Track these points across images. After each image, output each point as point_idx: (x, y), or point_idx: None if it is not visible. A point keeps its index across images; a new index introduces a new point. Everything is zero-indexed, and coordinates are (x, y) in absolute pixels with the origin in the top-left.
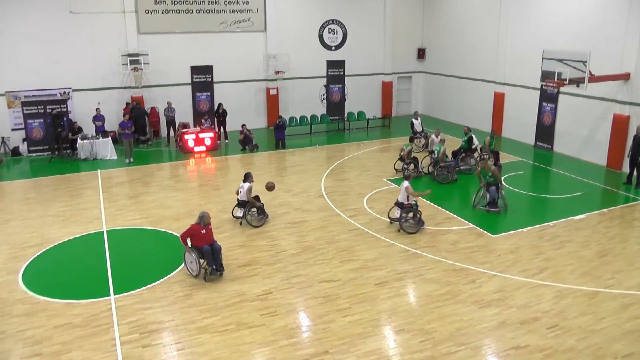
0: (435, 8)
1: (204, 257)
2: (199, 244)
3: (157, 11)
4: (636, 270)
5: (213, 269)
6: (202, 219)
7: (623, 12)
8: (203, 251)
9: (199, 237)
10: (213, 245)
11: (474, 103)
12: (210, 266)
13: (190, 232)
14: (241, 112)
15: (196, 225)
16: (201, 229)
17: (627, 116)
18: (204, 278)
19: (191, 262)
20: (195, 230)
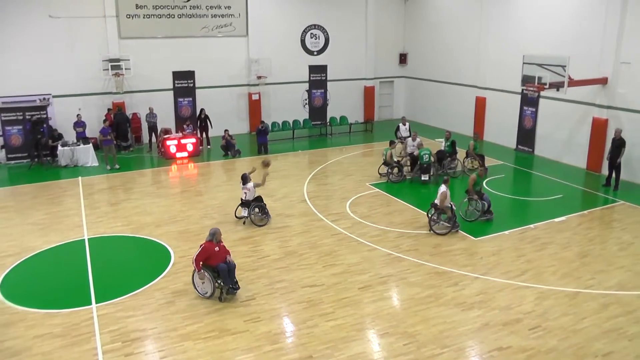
0: (416, 13)
1: (220, 276)
2: (213, 263)
3: (138, 16)
4: (615, 270)
5: (229, 287)
6: (214, 236)
7: (600, 19)
8: (219, 270)
9: (213, 256)
10: (228, 262)
11: (456, 107)
12: (227, 285)
13: (206, 253)
14: (223, 117)
15: (209, 244)
16: (214, 246)
17: (606, 119)
18: (219, 298)
19: (203, 283)
20: (210, 250)
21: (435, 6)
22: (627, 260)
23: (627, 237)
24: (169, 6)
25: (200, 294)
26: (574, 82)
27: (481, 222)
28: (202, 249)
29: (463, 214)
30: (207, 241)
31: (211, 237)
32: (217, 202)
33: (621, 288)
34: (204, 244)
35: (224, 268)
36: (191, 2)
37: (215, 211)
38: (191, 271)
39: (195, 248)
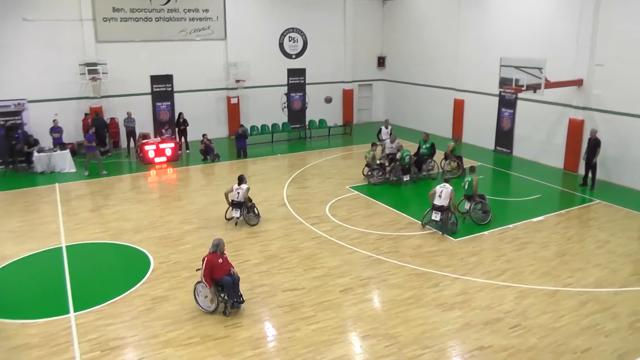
0: (394, 17)
1: (224, 290)
2: (217, 276)
3: (115, 19)
4: (593, 268)
5: (234, 301)
6: (218, 247)
7: (574, 22)
8: (223, 283)
9: (217, 268)
10: (233, 275)
11: (434, 110)
12: (232, 299)
13: (211, 267)
14: (202, 121)
15: (213, 256)
16: (218, 258)
17: (582, 120)
18: (223, 313)
19: (205, 297)
20: (214, 262)
21: (413, 10)
22: (603, 258)
23: (604, 235)
24: (147, 9)
25: (203, 309)
26: (550, 84)
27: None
28: (206, 262)
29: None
30: (211, 253)
31: (215, 249)
32: (197, 207)
33: (598, 285)
34: (208, 257)
35: (229, 281)
36: (169, 5)
37: (195, 216)
38: (173, 278)
39: (175, 254)
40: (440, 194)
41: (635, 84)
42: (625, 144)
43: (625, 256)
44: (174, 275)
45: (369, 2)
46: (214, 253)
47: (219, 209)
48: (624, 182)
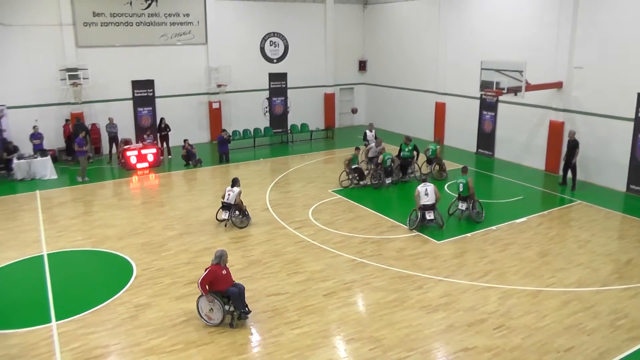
0: (375, 21)
1: (231, 301)
2: (222, 288)
3: (95, 24)
4: (575, 267)
5: (241, 312)
6: (222, 259)
7: (554, 26)
8: (230, 294)
9: (221, 280)
10: (238, 286)
11: (416, 113)
12: (239, 310)
13: (212, 276)
14: (184, 126)
15: (216, 267)
16: (222, 269)
17: (562, 122)
18: (230, 325)
19: (210, 310)
20: (217, 273)
21: (393, 14)
22: (585, 257)
23: (585, 235)
24: (127, 14)
25: (207, 322)
26: (531, 87)
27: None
28: (208, 272)
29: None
30: (214, 264)
31: (218, 260)
32: (179, 213)
33: (580, 285)
34: (211, 268)
35: (236, 292)
36: (149, 9)
37: (178, 222)
38: (155, 285)
39: (158, 260)
40: (426, 192)
41: (613, 86)
42: (604, 145)
43: (605, 255)
44: (156, 282)
45: (349, 7)
46: (218, 265)
47: (201, 215)
48: (604, 182)
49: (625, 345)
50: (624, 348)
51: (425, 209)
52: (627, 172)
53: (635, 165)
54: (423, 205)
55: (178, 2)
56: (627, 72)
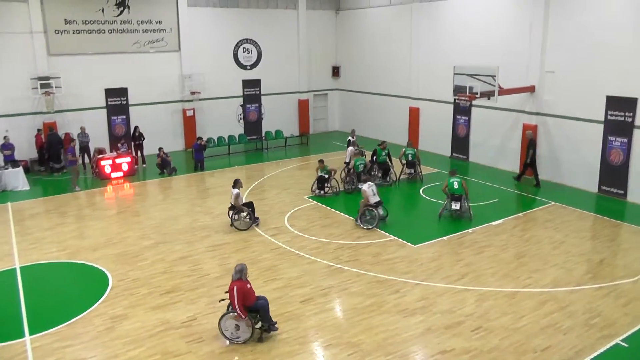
0: (348, 27)
1: (260, 315)
2: (251, 302)
3: (67, 31)
4: (550, 268)
5: (270, 325)
6: (243, 273)
7: (525, 31)
8: (259, 307)
9: (249, 295)
10: (263, 298)
11: (390, 118)
12: (267, 322)
13: (244, 294)
14: (158, 135)
15: (242, 283)
16: (246, 284)
17: (535, 125)
18: (258, 339)
19: (237, 328)
20: (245, 289)
21: (366, 19)
22: (560, 258)
23: (559, 236)
24: (100, 21)
25: (233, 340)
26: (503, 91)
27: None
28: (237, 290)
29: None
30: (237, 280)
31: (240, 275)
32: (155, 222)
33: (556, 285)
34: (237, 284)
35: (265, 304)
36: (122, 17)
37: (153, 231)
38: (132, 296)
39: (134, 270)
40: (374, 192)
41: (583, 90)
42: (577, 147)
43: (579, 255)
44: (132, 293)
45: (321, 13)
46: (240, 280)
47: (177, 223)
48: (576, 184)
49: (599, 344)
50: (597, 346)
51: (376, 206)
52: (598, 174)
53: (606, 166)
54: (375, 202)
55: (150, 9)
56: (596, 76)
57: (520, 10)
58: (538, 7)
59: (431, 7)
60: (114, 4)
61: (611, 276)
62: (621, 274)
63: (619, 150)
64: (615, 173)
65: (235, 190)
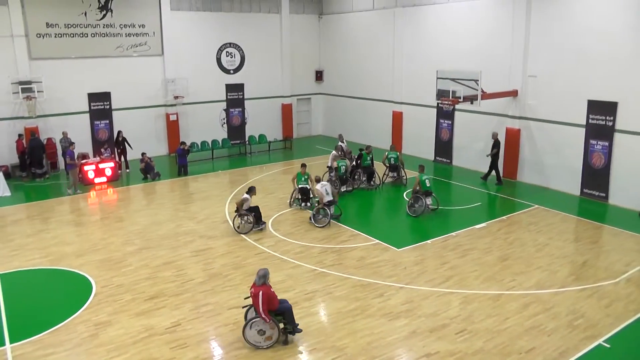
0: (331, 31)
1: (285, 318)
2: (275, 307)
3: (49, 35)
4: (534, 270)
5: (294, 327)
6: (267, 277)
7: (507, 35)
8: (284, 310)
9: (274, 299)
10: (286, 302)
11: (373, 122)
12: (292, 325)
13: (269, 299)
14: (142, 139)
15: (267, 288)
16: (270, 288)
17: (518, 129)
18: (283, 342)
19: (263, 334)
20: (269, 293)
21: (348, 24)
22: (543, 260)
23: (543, 238)
24: (82, 25)
25: (258, 346)
26: (486, 95)
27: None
28: (263, 296)
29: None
30: (261, 285)
31: (264, 280)
32: (139, 228)
33: (540, 287)
34: (262, 289)
35: (290, 307)
36: (104, 20)
37: (137, 237)
38: (116, 302)
39: (118, 276)
40: (327, 191)
41: (565, 94)
42: (559, 151)
43: (562, 258)
44: (116, 299)
45: (304, 17)
46: (264, 284)
47: (161, 229)
48: (560, 187)
49: (582, 344)
50: (581, 347)
51: (329, 205)
52: (580, 177)
53: (588, 169)
54: (328, 202)
55: (133, 12)
56: (578, 81)
57: (502, 15)
58: (519, 12)
59: (414, 11)
60: (96, 7)
61: (594, 278)
62: (604, 276)
63: (600, 154)
64: (597, 176)
65: (245, 195)
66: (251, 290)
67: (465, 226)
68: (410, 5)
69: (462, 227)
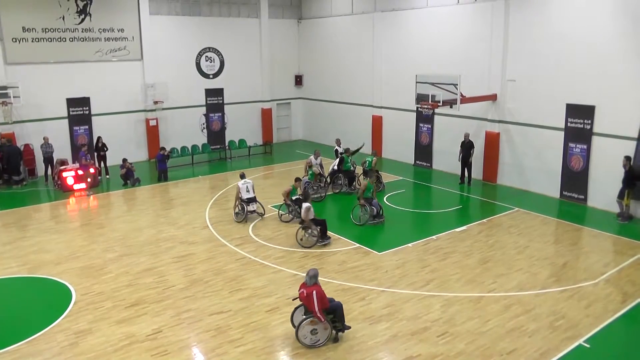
0: (310, 35)
1: (336, 316)
2: (327, 305)
3: (26, 39)
4: (515, 272)
5: (344, 324)
6: (317, 277)
7: (486, 40)
8: (335, 308)
9: (325, 298)
10: (334, 300)
11: (353, 126)
12: (342, 322)
13: (323, 298)
14: (121, 145)
15: (318, 287)
16: (321, 287)
17: (497, 133)
18: (334, 340)
19: (314, 332)
20: (322, 293)
21: (327, 29)
22: (524, 262)
23: (523, 241)
24: (60, 29)
25: (310, 346)
26: (466, 99)
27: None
28: (317, 295)
29: (355, 219)
30: (313, 285)
31: (315, 280)
32: (119, 234)
33: (520, 289)
34: (316, 289)
35: (340, 305)
36: (83, 24)
37: (117, 243)
38: (96, 310)
39: (98, 284)
40: (247, 189)
41: (544, 98)
42: (539, 154)
43: (543, 260)
44: (97, 307)
45: (284, 22)
46: (316, 284)
47: (141, 235)
48: (539, 189)
49: (563, 345)
50: (562, 347)
51: (248, 202)
52: (559, 180)
53: (567, 172)
54: (247, 199)
55: (112, 17)
56: (556, 84)
57: (480, 20)
58: (498, 17)
59: (393, 16)
60: (75, 11)
61: (574, 279)
62: (583, 277)
63: (579, 157)
64: (576, 179)
65: (307, 204)
66: (301, 291)
67: (446, 229)
68: (389, 9)
69: (442, 230)
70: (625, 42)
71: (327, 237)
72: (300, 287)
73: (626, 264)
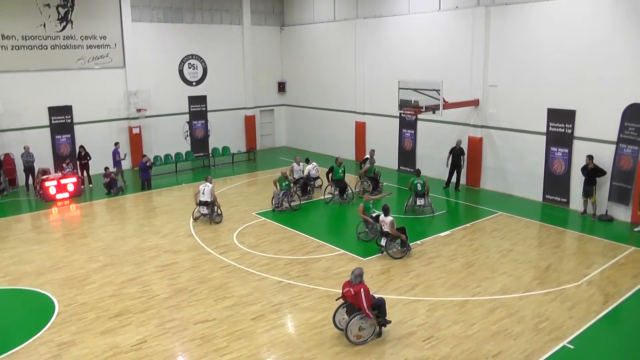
0: (293, 42)
1: (380, 312)
2: (372, 302)
3: (5, 47)
4: (499, 276)
5: (385, 319)
6: (362, 276)
7: (467, 46)
8: (379, 304)
9: (370, 295)
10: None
11: (336, 133)
12: (384, 317)
13: (370, 295)
14: (105, 154)
15: (364, 285)
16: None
17: (480, 138)
18: (378, 335)
19: (361, 329)
20: (368, 290)
21: (310, 35)
22: (508, 266)
23: (507, 244)
24: (41, 37)
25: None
26: (448, 105)
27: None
28: (365, 293)
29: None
30: (359, 283)
31: (361, 278)
32: (103, 244)
33: (505, 292)
34: (363, 287)
35: (383, 301)
36: (65, 32)
37: (101, 253)
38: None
39: (82, 294)
40: (203, 191)
41: (525, 103)
42: (521, 158)
43: (526, 263)
44: (80, 318)
45: (266, 29)
46: (362, 283)
47: (125, 244)
48: (522, 193)
49: (547, 347)
50: (546, 349)
51: (201, 205)
52: (542, 183)
53: (549, 176)
54: (199, 201)
55: (94, 24)
56: (537, 90)
57: (462, 26)
58: (479, 24)
59: (375, 22)
60: (56, 19)
61: (557, 281)
62: (566, 279)
63: (560, 161)
64: (558, 182)
65: (390, 218)
66: (347, 290)
67: (430, 234)
68: (372, 16)
69: (426, 235)
70: (604, 48)
71: (408, 245)
72: (345, 286)
73: (607, 265)
